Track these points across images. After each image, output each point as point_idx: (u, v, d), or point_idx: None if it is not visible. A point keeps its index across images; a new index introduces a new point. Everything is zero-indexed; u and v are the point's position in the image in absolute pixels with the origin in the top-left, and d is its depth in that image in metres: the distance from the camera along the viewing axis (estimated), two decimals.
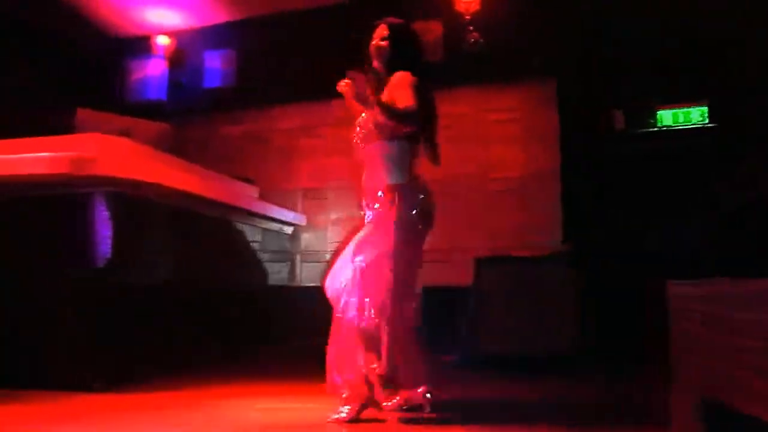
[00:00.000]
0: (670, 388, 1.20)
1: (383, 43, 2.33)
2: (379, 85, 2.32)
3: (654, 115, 4.11)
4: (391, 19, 2.40)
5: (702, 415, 1.01)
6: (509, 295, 3.62)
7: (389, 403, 2.13)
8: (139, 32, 5.65)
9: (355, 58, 2.52)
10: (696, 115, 4.01)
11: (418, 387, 2.13)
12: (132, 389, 2.64)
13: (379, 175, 2.25)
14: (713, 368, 0.99)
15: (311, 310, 4.69)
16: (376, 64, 2.35)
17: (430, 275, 2.72)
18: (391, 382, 2.13)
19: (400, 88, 2.20)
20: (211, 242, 3.68)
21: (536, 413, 2.25)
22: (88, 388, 2.58)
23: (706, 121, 3.99)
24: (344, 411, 2.10)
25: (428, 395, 2.12)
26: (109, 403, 2.41)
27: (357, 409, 2.11)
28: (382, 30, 2.35)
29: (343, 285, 2.23)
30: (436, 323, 3.07)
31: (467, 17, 4.66)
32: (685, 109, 4.04)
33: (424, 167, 2.39)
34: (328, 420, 2.10)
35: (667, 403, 1.25)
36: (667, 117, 4.08)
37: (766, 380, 0.82)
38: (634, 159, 4.12)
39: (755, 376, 0.85)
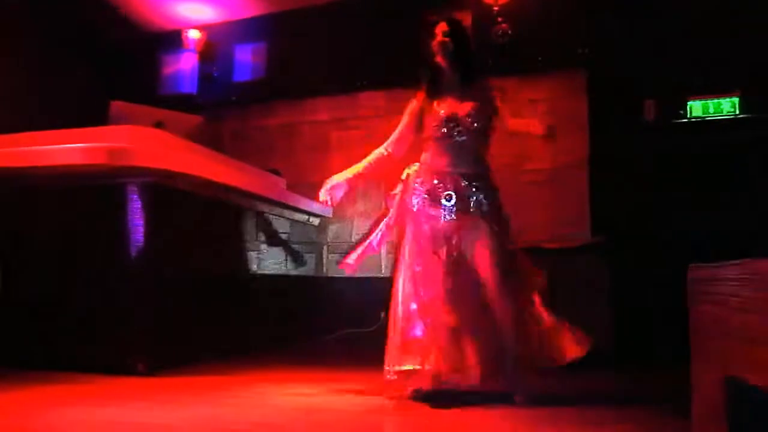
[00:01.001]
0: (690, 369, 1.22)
1: (446, 38, 2.47)
2: (443, 81, 2.50)
3: (685, 106, 4.05)
4: (449, 17, 2.58)
5: (725, 393, 1.02)
6: None
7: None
8: (171, 26, 5.75)
9: (381, 50, 2.62)
10: (727, 106, 3.94)
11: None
12: (175, 373, 2.74)
13: (472, 163, 2.45)
14: (732, 348, 1.00)
15: (338, 300, 4.79)
16: (439, 59, 2.49)
17: None
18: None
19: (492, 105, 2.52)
20: (240, 232, 3.75)
21: (566, 406, 2.27)
22: (132, 371, 2.68)
23: (737, 112, 3.92)
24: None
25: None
26: (152, 385, 2.51)
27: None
28: (443, 26, 2.49)
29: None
30: None
31: (496, 8, 4.64)
32: (716, 100, 3.97)
33: None
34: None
35: (684, 387, 1.27)
36: (697, 108, 4.02)
37: None
38: (665, 150, 4.07)
39: None
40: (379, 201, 5.05)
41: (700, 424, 1.14)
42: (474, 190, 2.40)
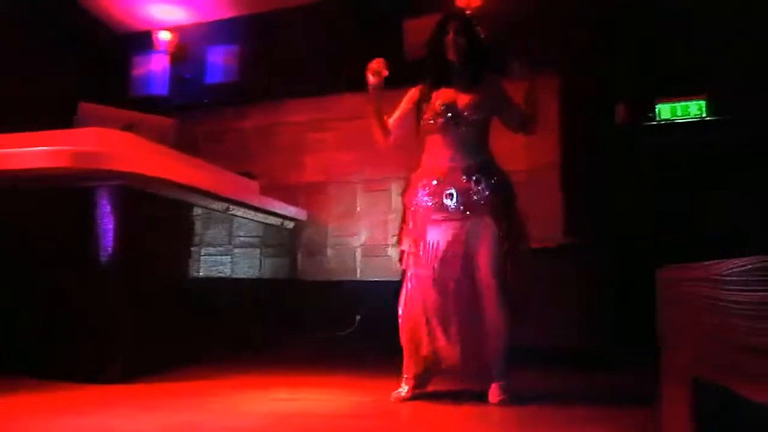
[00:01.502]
0: (660, 370, 1.24)
1: (460, 35, 2.45)
2: (451, 76, 2.49)
3: (653, 109, 4.12)
4: (460, 14, 2.64)
5: (692, 393, 1.03)
6: None
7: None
8: (142, 27, 5.68)
9: (358, 52, 2.61)
10: (694, 109, 4.02)
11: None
12: (147, 380, 2.69)
13: (474, 155, 2.45)
14: (701, 348, 1.02)
15: (313, 304, 4.77)
16: (452, 56, 2.46)
17: None
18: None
19: (507, 96, 2.57)
20: (212, 236, 3.70)
21: (536, 406, 2.28)
22: (105, 378, 2.64)
23: (704, 114, 4.00)
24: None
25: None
26: (123, 393, 2.46)
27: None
28: (455, 23, 2.48)
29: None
30: None
31: (468, 12, 4.66)
32: (684, 103, 4.04)
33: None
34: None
35: (656, 386, 1.28)
36: (666, 110, 4.09)
37: (753, 358, 0.85)
38: (635, 152, 4.13)
39: (743, 355, 0.87)
40: (353, 204, 5.05)
41: (669, 425, 1.15)
42: (476, 184, 2.38)
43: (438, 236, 2.37)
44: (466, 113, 2.42)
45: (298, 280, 4.96)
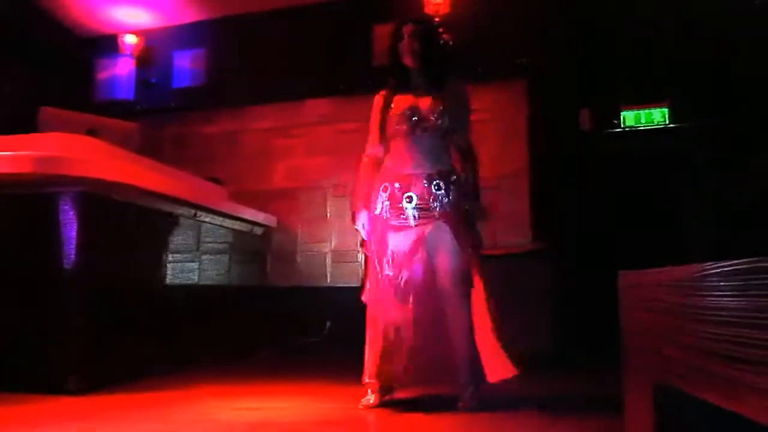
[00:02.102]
0: (623, 376, 1.25)
1: (415, 40, 2.43)
2: (410, 81, 2.48)
3: (619, 116, 4.21)
4: (417, 17, 2.61)
5: (654, 399, 1.05)
6: None
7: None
8: (107, 30, 5.57)
9: (327, 57, 2.60)
10: (657, 116, 4.11)
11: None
12: (111, 391, 2.63)
13: (440, 161, 2.42)
14: (663, 354, 1.03)
15: (283, 310, 4.72)
16: (408, 61, 2.44)
17: None
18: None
19: (467, 107, 2.53)
20: (180, 243, 3.64)
21: (503, 410, 2.29)
22: (63, 390, 2.56)
23: (667, 121, 4.10)
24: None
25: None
26: (86, 405, 2.39)
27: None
28: (410, 28, 2.46)
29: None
30: None
31: (437, 19, 4.70)
32: (647, 110, 4.14)
33: None
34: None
35: (621, 390, 1.30)
36: (630, 117, 4.18)
37: (713, 364, 0.86)
38: (601, 158, 4.21)
39: (703, 361, 0.89)
40: (323, 210, 5.03)
41: (631, 429, 1.17)
42: (437, 190, 2.36)
43: (399, 243, 2.36)
44: (431, 118, 2.40)
45: (268, 287, 4.91)
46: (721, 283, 0.85)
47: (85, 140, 3.02)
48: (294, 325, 4.64)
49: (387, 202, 2.39)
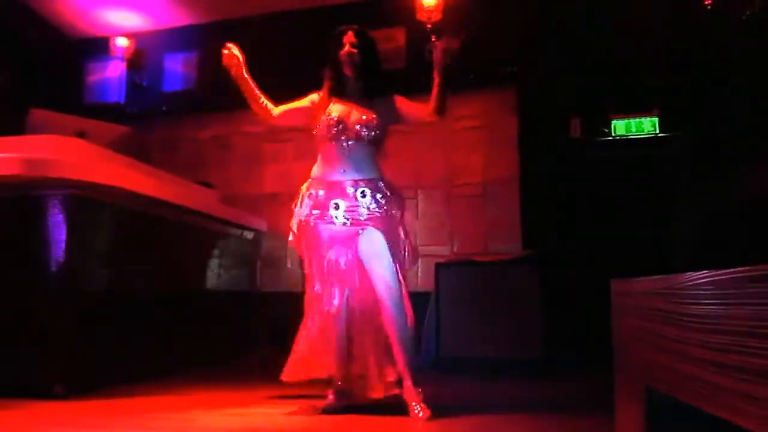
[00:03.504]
0: (614, 381, 1.25)
1: (354, 50, 2.44)
2: (346, 88, 2.49)
3: (609, 125, 4.24)
4: (357, 27, 2.52)
5: (644, 405, 1.05)
6: (470, 299, 3.68)
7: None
8: (98, 33, 5.55)
9: (318, 61, 2.60)
10: (647, 125, 4.15)
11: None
12: (95, 396, 2.60)
13: (368, 170, 2.41)
14: (654, 360, 1.04)
15: (272, 315, 4.70)
16: (347, 70, 2.46)
17: None
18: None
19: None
20: (169, 247, 3.62)
21: (492, 415, 2.29)
22: (49, 394, 2.53)
23: (657, 130, 4.14)
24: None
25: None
26: (72, 410, 2.36)
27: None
28: (350, 37, 2.46)
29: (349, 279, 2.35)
30: None
31: (429, 26, 4.72)
32: (638, 119, 4.17)
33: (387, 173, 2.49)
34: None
35: (611, 396, 1.30)
36: (620, 126, 4.21)
37: (702, 371, 0.87)
38: (591, 166, 4.24)
39: (693, 368, 0.89)
40: None
41: None
42: (363, 197, 2.35)
43: (330, 251, 2.35)
44: (357, 128, 2.39)
45: (258, 292, 4.88)
46: (711, 291, 0.86)
47: (74, 143, 3.00)
48: (284, 331, 4.61)
49: (317, 210, 2.37)
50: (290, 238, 2.52)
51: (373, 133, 2.41)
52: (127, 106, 5.48)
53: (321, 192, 2.39)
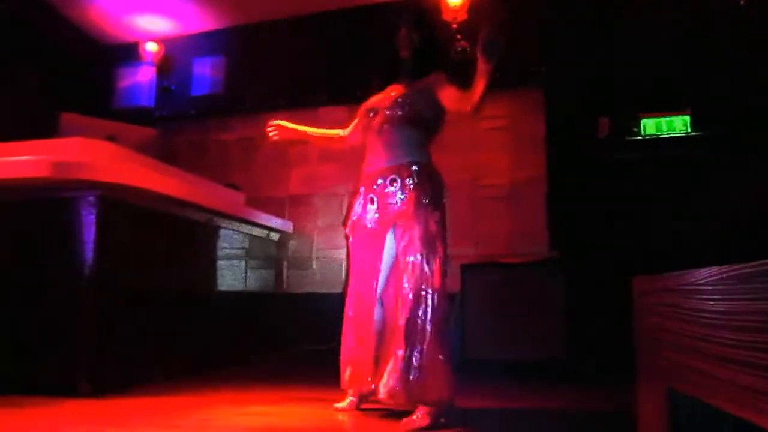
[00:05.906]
0: (637, 381, 1.22)
1: (411, 29, 2.41)
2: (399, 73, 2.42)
3: (639, 124, 4.15)
4: (414, 13, 2.50)
5: (666, 405, 1.02)
6: (495, 301, 3.64)
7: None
8: (128, 39, 5.66)
9: (342, 65, 2.61)
10: (679, 124, 4.05)
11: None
12: (120, 395, 2.63)
13: (402, 155, 2.26)
14: (676, 360, 1.01)
15: (298, 317, 4.72)
16: (404, 52, 2.41)
17: None
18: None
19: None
20: (196, 248, 3.66)
21: (518, 418, 2.26)
22: (75, 392, 2.57)
23: (689, 130, 4.03)
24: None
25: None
26: (95, 408, 2.39)
27: None
28: (409, 19, 2.44)
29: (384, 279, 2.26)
30: None
31: (455, 26, 4.69)
32: (668, 118, 4.07)
33: None
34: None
35: (635, 398, 1.27)
36: (650, 125, 4.12)
37: (725, 370, 0.83)
38: (619, 166, 4.15)
39: (716, 367, 0.86)
40: (338, 216, 5.03)
41: None
42: (393, 185, 2.21)
43: (365, 249, 2.29)
44: (386, 110, 2.29)
45: (284, 293, 4.91)
46: (738, 287, 0.83)
47: (104, 145, 3.05)
48: (308, 332, 4.63)
49: (359, 209, 2.33)
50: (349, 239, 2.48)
51: (404, 111, 2.26)
52: (157, 109, 5.58)
53: (362, 188, 2.34)
